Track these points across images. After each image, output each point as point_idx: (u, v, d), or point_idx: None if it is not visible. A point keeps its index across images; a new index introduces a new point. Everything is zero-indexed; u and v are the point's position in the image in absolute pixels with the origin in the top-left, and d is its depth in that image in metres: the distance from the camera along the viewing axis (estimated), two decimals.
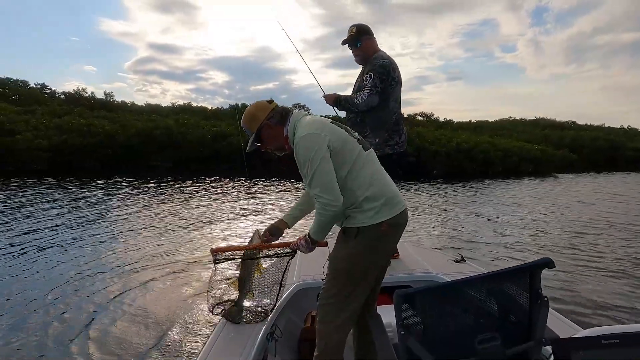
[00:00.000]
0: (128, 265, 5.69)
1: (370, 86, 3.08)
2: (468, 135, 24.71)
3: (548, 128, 34.93)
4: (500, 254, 6.40)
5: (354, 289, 1.88)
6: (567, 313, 3.91)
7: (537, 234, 7.74)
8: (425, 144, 21.55)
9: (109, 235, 7.30)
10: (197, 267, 5.68)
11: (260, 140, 2.01)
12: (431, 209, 10.83)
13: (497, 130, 32.15)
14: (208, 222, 8.67)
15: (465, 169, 20.82)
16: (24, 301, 4.53)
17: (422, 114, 38.99)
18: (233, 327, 2.23)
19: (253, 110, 2.00)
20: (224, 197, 12.26)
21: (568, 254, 6.37)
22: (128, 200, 11.18)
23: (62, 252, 6.29)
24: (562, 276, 5.21)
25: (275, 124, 1.95)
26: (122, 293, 4.73)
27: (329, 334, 1.89)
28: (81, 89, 31.04)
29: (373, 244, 1.85)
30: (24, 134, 17.23)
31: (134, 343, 3.69)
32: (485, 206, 11.42)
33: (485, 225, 8.60)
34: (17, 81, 29.70)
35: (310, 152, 1.79)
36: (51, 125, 18.82)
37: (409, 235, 7.30)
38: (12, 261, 5.80)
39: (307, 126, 1.87)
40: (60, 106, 24.42)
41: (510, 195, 13.89)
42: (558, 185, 17.65)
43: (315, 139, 1.81)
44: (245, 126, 2.01)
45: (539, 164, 23.18)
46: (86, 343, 3.70)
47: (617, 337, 1.29)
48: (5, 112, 19.65)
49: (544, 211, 10.52)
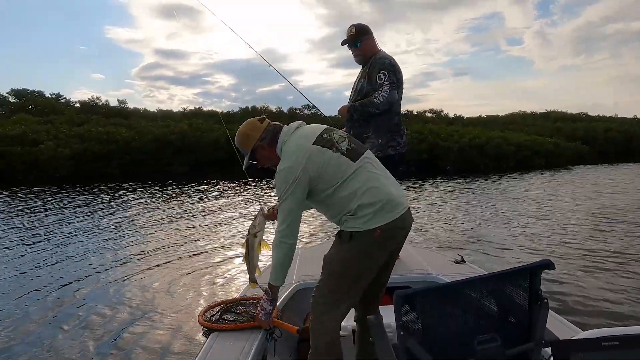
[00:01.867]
0: (152, 266, 5.91)
1: (389, 83, 3.08)
2: (480, 131, 24.54)
3: (559, 121, 34.65)
4: (503, 254, 6.35)
5: (346, 292, 1.90)
6: (567, 314, 3.89)
7: (541, 234, 7.60)
8: (438, 140, 21.53)
9: (135, 238, 7.60)
10: (214, 266, 5.89)
11: (254, 159, 2.07)
12: (441, 207, 10.79)
13: (508, 124, 31.85)
14: (229, 221, 8.96)
15: (478, 165, 20.73)
16: (53, 297, 4.85)
17: (431, 111, 38.81)
18: None
19: (246, 131, 2.04)
20: (240, 197, 12.50)
21: (568, 254, 6.27)
22: (149, 204, 11.46)
23: (92, 253, 6.63)
24: (563, 277, 5.15)
25: (268, 145, 1.99)
26: (143, 292, 4.94)
27: (322, 333, 1.90)
28: (95, 97, 31.68)
29: (367, 249, 1.85)
30: (46, 143, 17.61)
31: (137, 340, 3.80)
32: (497, 202, 11.29)
33: (493, 224, 8.51)
34: (34, 92, 30.38)
35: (282, 186, 1.86)
36: (71, 134, 19.19)
37: (415, 236, 7.27)
38: (44, 260, 6.23)
39: (286, 157, 1.92)
40: (77, 115, 25.02)
41: (521, 191, 13.68)
42: (570, 178, 17.44)
43: (289, 174, 1.86)
44: (240, 145, 2.07)
45: (552, 157, 22.94)
46: (120, 344, 3.79)
47: (617, 339, 1.28)
48: (27, 123, 20.14)
49: (550, 208, 10.29)
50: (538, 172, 19.70)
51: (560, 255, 6.20)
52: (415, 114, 36.20)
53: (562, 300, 4.52)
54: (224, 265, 5.98)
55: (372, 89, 3.13)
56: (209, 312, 2.42)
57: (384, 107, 3.10)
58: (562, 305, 4.34)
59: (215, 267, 5.90)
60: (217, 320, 2.32)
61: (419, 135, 21.69)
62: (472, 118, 37.43)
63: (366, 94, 3.15)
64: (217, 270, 5.79)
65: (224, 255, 6.52)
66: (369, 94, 3.13)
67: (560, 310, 3.78)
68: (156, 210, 10.49)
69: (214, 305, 2.52)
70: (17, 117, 22.02)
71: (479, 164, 20.86)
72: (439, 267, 3.16)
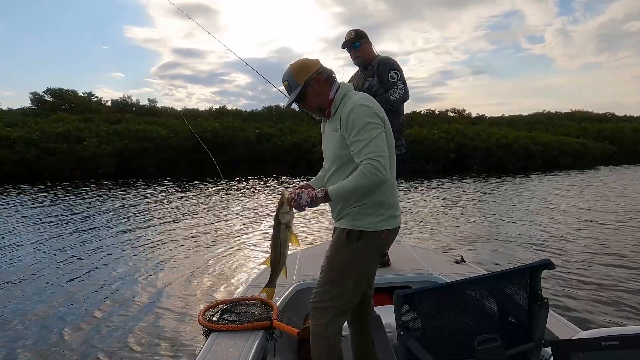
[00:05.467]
0: (152, 266, 5.92)
1: (403, 81, 3.18)
2: (507, 130, 24.43)
3: (585, 121, 34.42)
4: (503, 254, 6.31)
5: (348, 293, 1.86)
6: (567, 314, 3.88)
7: (543, 233, 7.48)
8: (465, 140, 21.52)
9: (144, 235, 7.67)
10: (215, 266, 5.90)
11: (303, 97, 1.87)
12: (466, 207, 10.73)
13: (532, 124, 31.75)
14: (248, 222, 8.93)
15: (505, 165, 20.56)
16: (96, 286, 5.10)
17: (453, 110, 38.75)
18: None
19: (304, 61, 1.88)
20: (267, 195, 12.70)
21: (569, 254, 6.18)
22: (189, 199, 11.89)
23: (100, 251, 6.70)
24: (563, 277, 5.08)
25: (325, 80, 1.86)
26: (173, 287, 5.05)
27: (324, 335, 1.86)
28: (126, 96, 32.76)
29: (372, 251, 1.84)
30: (89, 140, 18.33)
31: (137, 340, 3.81)
32: (511, 203, 11.14)
33: (499, 224, 8.38)
34: (68, 91, 31.49)
35: (371, 118, 1.75)
36: (110, 131, 19.94)
37: (420, 236, 7.36)
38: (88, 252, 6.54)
39: (368, 99, 1.83)
40: (113, 114, 25.96)
41: (544, 191, 13.44)
42: (596, 179, 17.09)
43: (378, 112, 1.79)
44: (292, 78, 1.86)
45: (579, 157, 22.63)
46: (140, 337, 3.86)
47: (617, 339, 1.27)
48: (68, 121, 20.95)
49: (560, 208, 10.10)
50: (564, 173, 19.43)
51: (561, 255, 6.11)
52: (437, 113, 36.27)
53: (562, 300, 4.47)
54: (224, 266, 5.93)
55: (383, 88, 3.18)
56: (209, 312, 2.38)
57: (398, 105, 3.18)
58: (562, 305, 4.30)
59: (214, 268, 5.85)
60: (217, 320, 2.28)
61: (447, 135, 21.78)
62: (495, 117, 37.25)
63: (376, 92, 3.17)
64: (217, 270, 5.74)
65: (224, 255, 6.45)
66: (378, 93, 3.16)
67: (560, 310, 3.80)
68: (195, 205, 10.85)
69: (214, 305, 2.48)
70: (58, 115, 22.86)
71: (506, 163, 20.68)
72: (439, 267, 3.15)
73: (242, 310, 2.40)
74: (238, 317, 2.31)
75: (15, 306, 4.62)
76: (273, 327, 2.19)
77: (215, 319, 2.30)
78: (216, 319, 2.31)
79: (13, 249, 6.83)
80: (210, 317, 2.33)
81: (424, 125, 24.90)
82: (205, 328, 2.22)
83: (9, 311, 4.49)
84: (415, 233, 7.66)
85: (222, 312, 2.39)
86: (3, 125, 19.38)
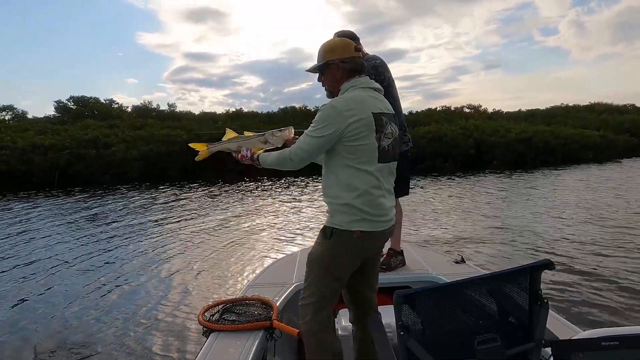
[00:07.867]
0: (153, 265, 6.05)
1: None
2: (526, 125, 24.17)
3: (605, 113, 33.73)
4: (503, 254, 6.26)
5: (330, 289, 1.87)
6: (567, 314, 3.85)
7: (544, 234, 7.32)
8: (483, 135, 21.31)
9: (150, 238, 7.76)
10: (214, 266, 5.93)
11: (322, 73, 1.94)
12: (476, 205, 10.59)
13: (550, 118, 31.32)
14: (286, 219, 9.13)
15: (526, 160, 20.25)
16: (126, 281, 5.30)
17: (469, 106, 38.37)
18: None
19: (340, 44, 1.91)
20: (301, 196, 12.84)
21: (569, 253, 6.10)
22: (217, 201, 12.09)
23: (107, 252, 6.87)
24: (563, 277, 5.02)
25: (347, 72, 1.88)
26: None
27: (310, 332, 1.88)
28: (147, 102, 33.82)
29: (347, 247, 1.82)
30: (117, 145, 18.94)
31: (137, 340, 3.84)
32: (532, 200, 10.95)
33: (504, 223, 8.22)
34: (90, 98, 32.69)
35: (321, 122, 1.78)
36: (135, 137, 20.47)
37: (420, 235, 7.30)
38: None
39: (344, 99, 1.82)
40: (135, 119, 26.80)
41: (560, 186, 13.22)
42: (609, 173, 16.70)
43: (336, 117, 1.76)
44: (321, 51, 1.93)
45: (599, 150, 22.24)
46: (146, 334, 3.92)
47: (617, 339, 1.26)
48: (95, 127, 21.72)
49: (563, 206, 9.86)
50: (585, 166, 19.12)
51: (561, 254, 6.03)
52: (453, 109, 36.06)
53: (562, 300, 4.42)
54: (224, 265, 5.96)
55: None
56: (209, 312, 2.39)
57: None
58: (562, 305, 4.26)
59: (215, 267, 5.88)
60: (217, 320, 2.29)
61: (465, 131, 21.67)
62: (512, 112, 36.81)
63: None
64: (217, 270, 5.75)
65: (224, 255, 6.48)
66: None
67: (560, 310, 3.76)
68: (222, 207, 11.13)
69: (214, 305, 2.49)
70: (84, 122, 23.70)
71: (527, 158, 20.37)
72: (439, 267, 3.13)
73: (242, 310, 2.40)
74: (238, 317, 2.31)
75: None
76: (273, 327, 2.20)
77: (215, 319, 2.31)
78: (216, 319, 2.31)
79: (60, 248, 7.16)
80: (210, 317, 2.34)
81: (441, 122, 24.88)
82: (205, 328, 2.23)
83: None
84: (415, 233, 7.59)
85: (222, 312, 2.39)
86: (34, 133, 20.13)
